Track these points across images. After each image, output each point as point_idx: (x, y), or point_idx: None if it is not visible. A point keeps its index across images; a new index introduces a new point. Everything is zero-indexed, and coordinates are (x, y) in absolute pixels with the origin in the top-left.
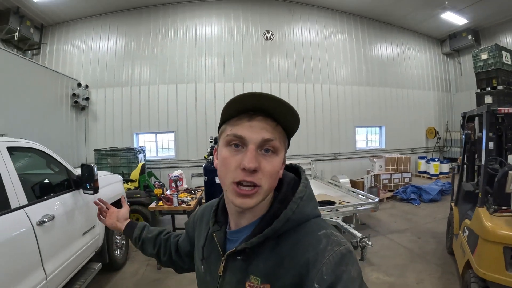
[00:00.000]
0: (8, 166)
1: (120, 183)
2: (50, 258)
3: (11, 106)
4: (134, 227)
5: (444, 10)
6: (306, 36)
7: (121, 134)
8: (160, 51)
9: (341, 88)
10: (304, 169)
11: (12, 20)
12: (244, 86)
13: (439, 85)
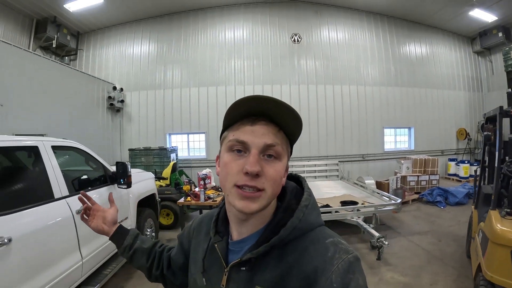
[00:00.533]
0: (52, 162)
1: (152, 180)
2: (86, 243)
3: (51, 109)
4: (126, 234)
5: (472, 7)
6: (333, 38)
7: (154, 134)
8: (191, 55)
9: (369, 89)
10: (305, 178)
11: (50, 28)
12: (273, 88)
13: (470, 84)
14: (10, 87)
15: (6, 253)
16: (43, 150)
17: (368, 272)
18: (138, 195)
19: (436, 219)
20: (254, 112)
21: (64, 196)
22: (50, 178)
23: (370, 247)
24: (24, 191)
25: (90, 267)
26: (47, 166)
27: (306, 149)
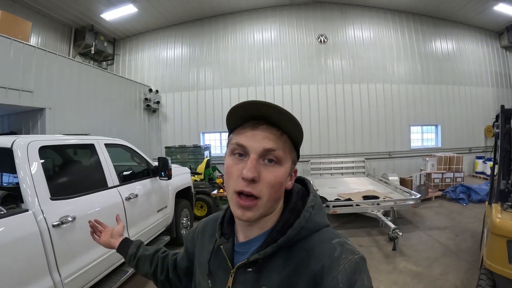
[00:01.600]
0: (106, 157)
1: (188, 175)
2: (133, 225)
3: (93, 111)
4: (129, 244)
5: (497, 1)
6: (358, 37)
7: (188, 133)
8: (222, 57)
9: (396, 87)
10: (309, 180)
11: (88, 36)
12: (301, 88)
13: (498, 80)
14: (56, 92)
15: (72, 228)
16: (98, 147)
17: (383, 261)
18: (176, 187)
19: (457, 216)
20: (255, 116)
21: (115, 185)
22: (104, 170)
23: (388, 239)
24: (84, 180)
25: None
26: (102, 160)
27: (334, 147)
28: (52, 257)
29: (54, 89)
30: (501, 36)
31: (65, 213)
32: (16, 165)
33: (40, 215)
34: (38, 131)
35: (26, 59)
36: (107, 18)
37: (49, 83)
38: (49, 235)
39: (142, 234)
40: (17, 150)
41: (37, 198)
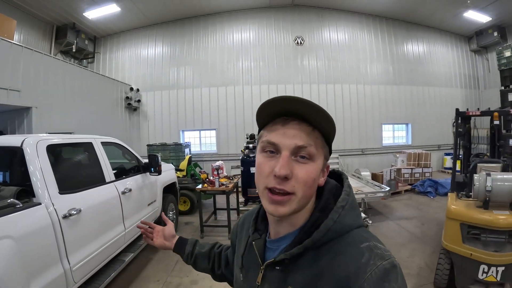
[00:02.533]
0: (103, 154)
1: (173, 171)
2: (128, 217)
3: (77, 109)
4: (185, 244)
5: (466, 8)
6: (334, 39)
7: (169, 131)
8: (202, 57)
9: (369, 87)
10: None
11: (70, 34)
12: (278, 87)
13: (467, 82)
14: (43, 91)
15: (78, 220)
16: (95, 145)
17: None
18: (163, 182)
19: (424, 207)
20: (285, 112)
21: (112, 180)
22: (102, 167)
23: None
24: (86, 176)
25: (130, 237)
26: (99, 157)
27: None
28: (62, 246)
29: (41, 88)
30: (470, 40)
31: (72, 205)
32: (27, 162)
33: (50, 207)
34: (24, 130)
35: (15, 58)
36: (90, 16)
37: (36, 82)
38: (60, 226)
39: (135, 227)
40: (27, 148)
41: (47, 191)
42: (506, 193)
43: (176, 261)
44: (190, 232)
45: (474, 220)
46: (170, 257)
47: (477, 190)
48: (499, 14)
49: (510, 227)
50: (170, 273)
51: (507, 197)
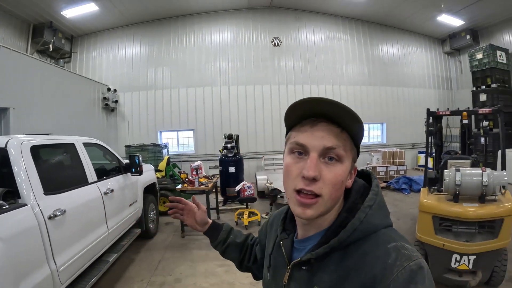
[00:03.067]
0: (85, 155)
1: (152, 171)
2: (110, 218)
3: (55, 110)
4: (220, 229)
5: (440, 12)
6: (311, 41)
7: (147, 132)
8: (180, 57)
9: (344, 88)
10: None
11: (46, 33)
12: (255, 88)
13: (440, 83)
14: (21, 91)
15: (63, 220)
16: (77, 146)
17: None
18: (143, 183)
19: (400, 203)
20: (313, 113)
21: (94, 181)
22: (84, 167)
23: None
24: (69, 177)
25: (113, 237)
26: (82, 158)
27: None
28: (48, 247)
29: (18, 88)
30: (444, 43)
31: (57, 206)
32: (11, 163)
33: (36, 208)
34: (1, 131)
35: None
36: (67, 15)
37: (13, 82)
38: (46, 227)
39: (119, 226)
40: (11, 149)
41: (32, 192)
42: (475, 186)
43: (159, 260)
44: (171, 232)
45: (445, 212)
46: (152, 256)
47: (447, 185)
48: (471, 18)
49: (479, 218)
50: (153, 272)
51: (475, 190)
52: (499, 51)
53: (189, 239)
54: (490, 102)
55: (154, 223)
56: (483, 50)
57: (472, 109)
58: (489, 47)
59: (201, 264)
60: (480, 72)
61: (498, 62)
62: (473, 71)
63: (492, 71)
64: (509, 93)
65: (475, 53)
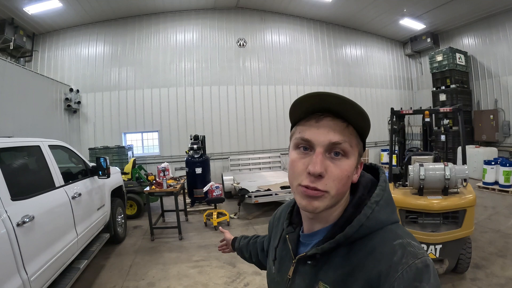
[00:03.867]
0: (51, 158)
1: (119, 174)
2: (79, 223)
3: (15, 111)
4: (235, 241)
5: (402, 16)
6: (276, 42)
7: (110, 134)
8: (144, 57)
9: (308, 88)
10: (384, 170)
11: (7, 30)
12: (220, 89)
13: (401, 84)
14: None
15: (32, 227)
16: (43, 149)
17: None
18: (111, 186)
19: None
20: (319, 108)
21: (62, 185)
22: (51, 171)
23: None
24: (36, 181)
25: (82, 243)
26: (48, 162)
27: (251, 144)
28: (18, 256)
29: None
30: (405, 45)
31: (25, 212)
32: None
33: (4, 214)
34: None
35: None
36: (30, 11)
37: None
38: (15, 234)
39: (88, 231)
40: None
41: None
42: (438, 180)
43: (130, 265)
44: (140, 236)
45: (411, 205)
46: (123, 261)
47: (412, 179)
48: (432, 22)
49: (443, 210)
50: (125, 277)
51: (438, 183)
52: (459, 54)
53: (159, 242)
54: (449, 101)
55: (122, 227)
56: (443, 53)
57: (434, 108)
58: (449, 50)
59: (173, 266)
60: (440, 73)
61: (457, 64)
62: (433, 72)
63: (451, 73)
64: (467, 93)
65: (435, 56)
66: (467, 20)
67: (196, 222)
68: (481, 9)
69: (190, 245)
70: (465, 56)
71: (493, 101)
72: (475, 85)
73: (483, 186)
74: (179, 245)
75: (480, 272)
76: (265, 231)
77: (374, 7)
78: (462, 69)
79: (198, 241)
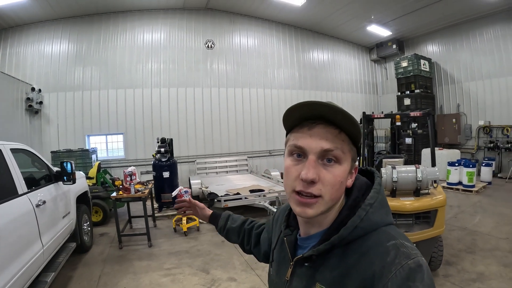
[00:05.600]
0: (13, 163)
1: (84, 179)
2: (44, 233)
3: None
4: (218, 218)
5: (370, 23)
6: (244, 44)
7: (73, 136)
8: (110, 57)
9: (275, 92)
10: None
11: None
12: (187, 91)
13: (367, 88)
14: None
15: None
16: (4, 153)
17: None
18: (76, 192)
19: None
20: (311, 115)
21: (25, 192)
22: (13, 177)
23: None
24: None
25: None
26: (10, 166)
27: (218, 147)
28: None
29: None
30: (371, 51)
31: None
32: None
33: None
34: None
35: None
36: None
37: None
38: None
39: (54, 241)
40: None
41: None
42: (410, 182)
43: (99, 275)
44: (107, 244)
45: None
46: (91, 271)
47: (385, 181)
48: (398, 30)
49: (415, 211)
50: None
51: (410, 185)
52: (423, 60)
53: (127, 250)
54: (413, 106)
55: (88, 235)
56: (408, 59)
57: (405, 112)
58: (414, 56)
59: (144, 275)
60: (405, 78)
61: (422, 70)
62: (399, 77)
63: (416, 78)
64: (430, 98)
65: (401, 62)
66: (432, 28)
67: (164, 228)
68: (446, 18)
69: (160, 252)
70: (429, 62)
71: (456, 106)
72: (439, 90)
73: (447, 186)
74: (149, 252)
75: (451, 269)
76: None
77: (343, 12)
78: (426, 75)
79: (168, 248)
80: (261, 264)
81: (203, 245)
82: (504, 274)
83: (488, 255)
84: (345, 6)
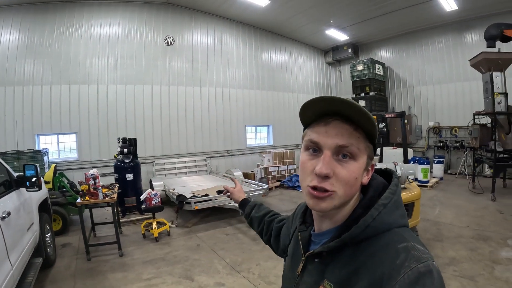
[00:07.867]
0: None
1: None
2: (12, 250)
3: None
4: (246, 205)
5: (329, 27)
6: (204, 42)
7: (22, 135)
8: (64, 49)
9: (233, 91)
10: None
11: None
12: (144, 88)
13: (321, 89)
14: None
15: None
16: None
17: (252, 243)
18: (38, 199)
19: (298, 200)
20: (328, 111)
21: None
22: None
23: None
24: None
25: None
26: None
27: (176, 147)
28: None
29: None
30: (327, 54)
31: None
32: None
33: None
34: None
35: None
36: None
37: None
38: None
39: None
40: None
41: None
42: None
43: None
44: (72, 256)
45: None
46: None
47: None
48: (355, 35)
49: None
50: None
51: None
52: (378, 64)
53: (97, 261)
54: (368, 107)
55: (51, 248)
56: (364, 63)
57: (380, 113)
58: (369, 61)
59: None
60: (360, 81)
61: (376, 73)
62: (354, 80)
63: (371, 81)
64: (384, 100)
65: (356, 65)
66: (388, 35)
67: (132, 235)
68: (402, 26)
69: (133, 261)
70: (383, 67)
71: (407, 108)
72: (391, 93)
73: None
74: (121, 262)
75: None
76: (209, 239)
77: (305, 15)
78: (381, 78)
79: (142, 256)
80: (244, 265)
81: (178, 251)
82: (473, 257)
83: (454, 241)
84: (307, 9)
